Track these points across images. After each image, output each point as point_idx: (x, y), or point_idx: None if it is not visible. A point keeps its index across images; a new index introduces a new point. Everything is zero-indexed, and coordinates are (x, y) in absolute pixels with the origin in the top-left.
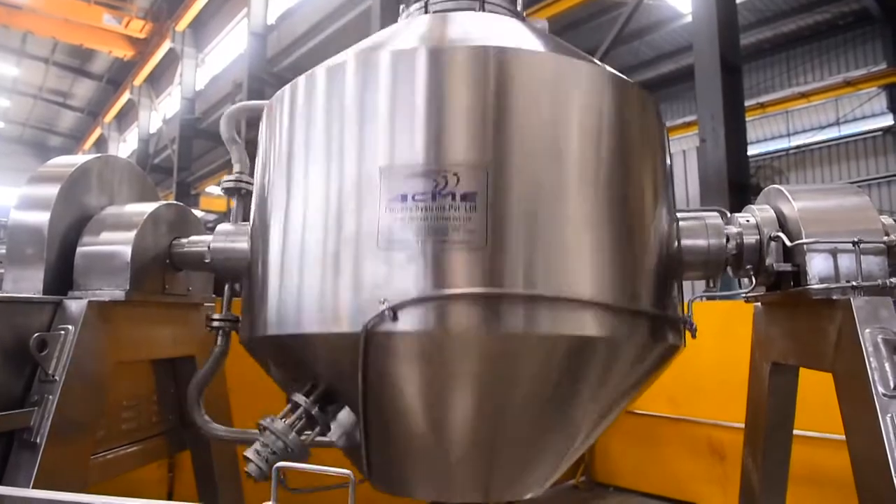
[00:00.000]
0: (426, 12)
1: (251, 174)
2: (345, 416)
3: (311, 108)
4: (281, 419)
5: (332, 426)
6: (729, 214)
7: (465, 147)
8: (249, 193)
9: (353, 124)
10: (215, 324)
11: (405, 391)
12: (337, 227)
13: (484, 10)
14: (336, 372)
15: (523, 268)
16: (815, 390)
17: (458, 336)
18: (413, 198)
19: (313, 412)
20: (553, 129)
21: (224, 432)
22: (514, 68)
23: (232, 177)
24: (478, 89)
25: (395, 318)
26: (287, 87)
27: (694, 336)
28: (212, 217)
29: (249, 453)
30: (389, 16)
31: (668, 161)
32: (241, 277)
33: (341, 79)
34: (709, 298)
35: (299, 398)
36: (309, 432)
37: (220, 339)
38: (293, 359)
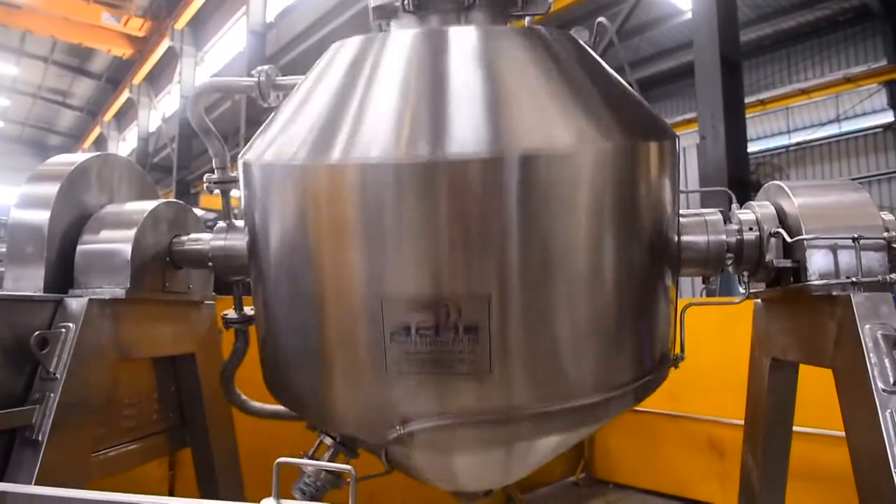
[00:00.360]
0: (406, 9)
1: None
2: None
3: (285, 218)
4: (311, 456)
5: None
6: (734, 200)
7: (465, 278)
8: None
9: (336, 243)
10: (232, 325)
11: (424, 471)
12: (337, 345)
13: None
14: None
15: (528, 388)
16: (815, 386)
17: (470, 451)
18: (416, 330)
19: (340, 449)
20: (553, 240)
21: (261, 408)
22: (509, 180)
23: (215, 176)
24: (475, 212)
25: (410, 437)
26: (257, 169)
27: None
28: (211, 215)
29: (296, 492)
30: None
31: (678, 174)
32: (241, 274)
33: (313, 198)
34: (708, 295)
35: (327, 439)
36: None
37: (239, 337)
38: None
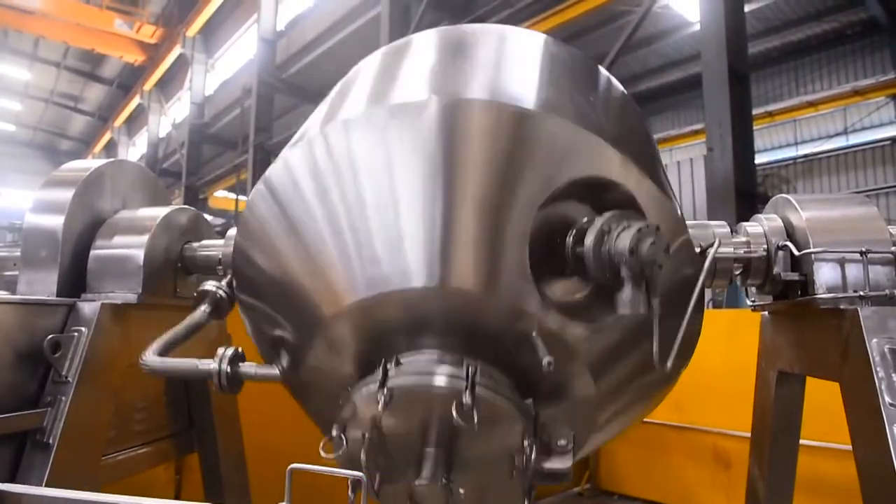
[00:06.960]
0: None
1: None
2: None
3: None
4: None
5: None
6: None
7: None
8: None
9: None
10: (208, 286)
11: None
12: None
13: None
14: None
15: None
16: (822, 400)
17: None
18: None
19: None
20: None
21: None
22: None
23: None
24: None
25: None
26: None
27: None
28: (219, 221)
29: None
30: (397, 23)
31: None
32: None
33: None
34: (714, 307)
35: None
36: None
37: (205, 304)
38: None
